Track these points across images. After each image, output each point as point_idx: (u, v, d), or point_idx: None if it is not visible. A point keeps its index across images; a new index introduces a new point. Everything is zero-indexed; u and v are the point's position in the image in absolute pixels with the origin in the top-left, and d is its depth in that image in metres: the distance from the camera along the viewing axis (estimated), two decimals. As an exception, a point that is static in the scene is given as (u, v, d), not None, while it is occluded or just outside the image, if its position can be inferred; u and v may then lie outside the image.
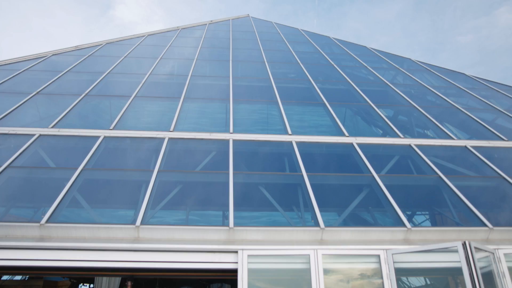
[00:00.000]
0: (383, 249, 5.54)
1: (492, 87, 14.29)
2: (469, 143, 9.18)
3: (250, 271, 5.25)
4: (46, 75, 12.33)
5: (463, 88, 13.68)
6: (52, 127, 8.69)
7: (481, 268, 5.04)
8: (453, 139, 9.35)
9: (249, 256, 5.35)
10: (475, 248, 5.08)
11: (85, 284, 18.25)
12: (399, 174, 8.12)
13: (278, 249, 5.50)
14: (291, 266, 5.67)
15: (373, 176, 7.37)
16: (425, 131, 10.73)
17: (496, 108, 11.87)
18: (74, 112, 9.81)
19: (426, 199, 8.43)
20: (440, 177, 7.60)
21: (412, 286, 7.80)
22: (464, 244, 5.04)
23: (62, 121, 9.11)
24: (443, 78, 14.78)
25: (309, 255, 5.35)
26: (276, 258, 5.53)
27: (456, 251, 5.08)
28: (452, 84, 14.19)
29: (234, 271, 5.41)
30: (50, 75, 12.28)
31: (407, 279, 6.38)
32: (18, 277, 18.90)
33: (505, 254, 5.58)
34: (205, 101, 11.28)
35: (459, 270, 5.05)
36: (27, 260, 5.37)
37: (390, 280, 5.31)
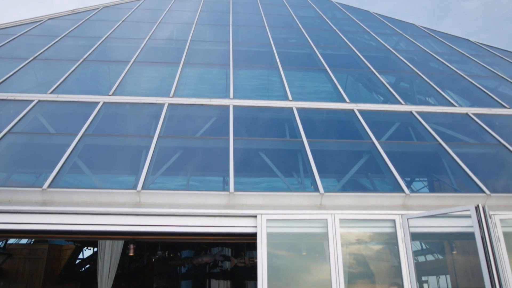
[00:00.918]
0: (399, 214, 5.60)
1: (496, 53, 14.05)
2: (471, 111, 9.12)
3: (269, 235, 5.35)
4: (43, 40, 12.10)
5: (467, 55, 13.45)
6: (50, 93, 8.61)
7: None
8: (454, 106, 9.28)
9: (268, 220, 5.44)
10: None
11: (89, 248, 18.73)
12: (400, 141, 8.12)
13: (295, 214, 5.60)
14: (308, 230, 5.80)
15: (373, 143, 7.37)
16: (427, 98, 10.64)
17: (500, 75, 11.72)
18: (72, 78, 9.69)
19: (426, 166, 8.47)
20: (440, 144, 7.59)
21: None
22: (477, 208, 5.07)
23: (61, 87, 9.01)
24: (447, 44, 14.51)
25: (326, 219, 5.42)
26: (293, 222, 5.65)
27: (469, 216, 5.10)
28: (456, 50, 13.94)
29: (249, 235, 5.53)
30: (47, 40, 12.04)
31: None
32: (24, 241, 19.37)
33: (501, 220, 5.65)
34: (205, 67, 11.13)
35: (471, 234, 5.09)
36: (31, 224, 5.43)
37: (405, 243, 5.41)
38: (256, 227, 5.44)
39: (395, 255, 5.47)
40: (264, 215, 5.46)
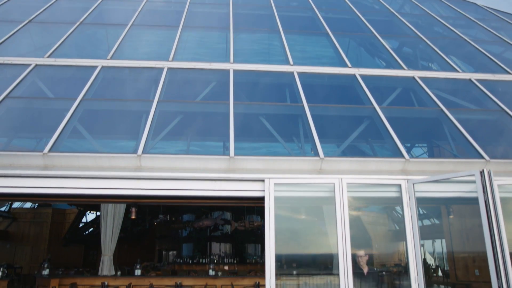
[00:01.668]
0: (404, 179, 5.65)
1: (503, 18, 13.71)
2: (474, 76, 9.00)
3: (276, 199, 5.41)
4: (37, 2, 11.79)
5: (473, 19, 13.12)
6: (48, 57, 8.48)
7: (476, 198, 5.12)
8: (457, 72, 9.16)
9: (275, 184, 5.49)
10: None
11: (92, 212, 19.05)
12: (401, 106, 8.07)
13: (303, 178, 5.66)
14: (314, 194, 5.86)
15: (374, 108, 7.32)
16: (430, 64, 10.48)
17: (506, 41, 11.48)
18: (69, 41, 9.52)
19: (427, 132, 8.46)
20: (441, 110, 7.54)
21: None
22: (481, 172, 5.09)
23: (58, 50, 8.87)
24: (453, 8, 14.12)
25: (333, 183, 5.44)
26: (300, 187, 5.72)
27: (473, 181, 5.12)
28: (461, 14, 13.59)
29: (254, 199, 5.62)
30: (42, 2, 11.74)
31: (401, 208, 6.59)
32: (28, 205, 19.68)
33: (498, 185, 5.68)
34: (205, 30, 10.90)
35: (472, 199, 5.12)
36: (33, 188, 5.49)
37: (410, 208, 5.48)
38: (263, 191, 5.50)
39: (399, 219, 5.56)
40: (272, 179, 5.51)
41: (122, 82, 8.40)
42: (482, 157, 6.29)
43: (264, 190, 5.49)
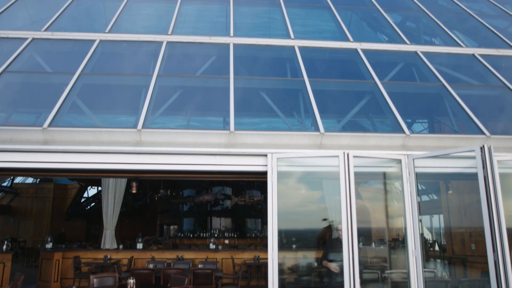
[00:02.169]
0: (405, 154, 5.65)
1: (509, -9, 13.40)
2: (477, 51, 8.87)
3: (279, 173, 5.44)
4: (33, -27, 11.49)
5: (478, -8, 12.83)
6: (45, 30, 8.34)
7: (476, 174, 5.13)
8: (461, 46, 9.02)
9: (278, 159, 5.50)
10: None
11: (93, 187, 19.22)
12: (403, 81, 7.99)
13: (305, 152, 5.67)
14: (316, 169, 5.91)
15: (375, 83, 7.24)
16: (433, 38, 10.32)
17: (511, 15, 11.26)
18: (66, 15, 9.34)
19: (428, 107, 8.41)
20: (443, 85, 7.47)
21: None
22: (482, 148, 5.09)
23: (55, 24, 8.71)
24: (458, -19, 13.78)
25: (338, 156, 5.42)
26: (303, 161, 5.74)
27: (473, 157, 5.11)
28: (467, -13, 13.28)
29: (256, 173, 5.65)
30: (37, -27, 11.44)
31: (400, 184, 6.62)
32: (30, 181, 19.83)
33: (498, 161, 5.69)
34: (204, 3, 10.67)
35: (471, 175, 5.13)
36: (33, 163, 5.50)
37: (410, 183, 5.51)
38: (265, 165, 5.51)
39: (398, 194, 5.58)
40: (274, 153, 5.51)
41: (121, 56, 8.29)
42: (483, 133, 6.28)
43: (266, 165, 5.50)
